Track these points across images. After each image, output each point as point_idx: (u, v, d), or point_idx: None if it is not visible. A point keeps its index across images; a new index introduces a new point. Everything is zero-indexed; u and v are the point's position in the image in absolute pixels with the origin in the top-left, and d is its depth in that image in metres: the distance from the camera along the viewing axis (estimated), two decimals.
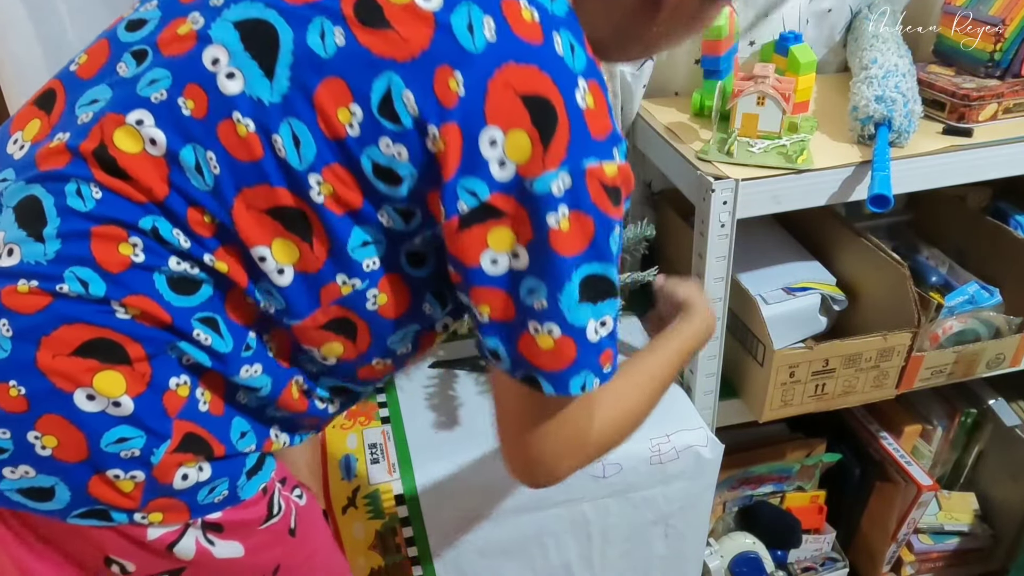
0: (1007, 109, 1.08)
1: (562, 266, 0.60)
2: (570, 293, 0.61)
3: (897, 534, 1.39)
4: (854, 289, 1.20)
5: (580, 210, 0.60)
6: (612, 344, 0.65)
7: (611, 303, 0.64)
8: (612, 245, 0.63)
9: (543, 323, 0.61)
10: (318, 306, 0.65)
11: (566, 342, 0.62)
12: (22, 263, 0.60)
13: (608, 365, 0.65)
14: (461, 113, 0.58)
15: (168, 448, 0.62)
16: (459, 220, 0.60)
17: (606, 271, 0.63)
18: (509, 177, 0.59)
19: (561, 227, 0.59)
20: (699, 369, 1.10)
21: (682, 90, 1.25)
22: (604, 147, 0.61)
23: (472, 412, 1.11)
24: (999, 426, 1.41)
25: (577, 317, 0.61)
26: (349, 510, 0.98)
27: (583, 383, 0.63)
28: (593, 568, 1.12)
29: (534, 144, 0.59)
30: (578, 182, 0.60)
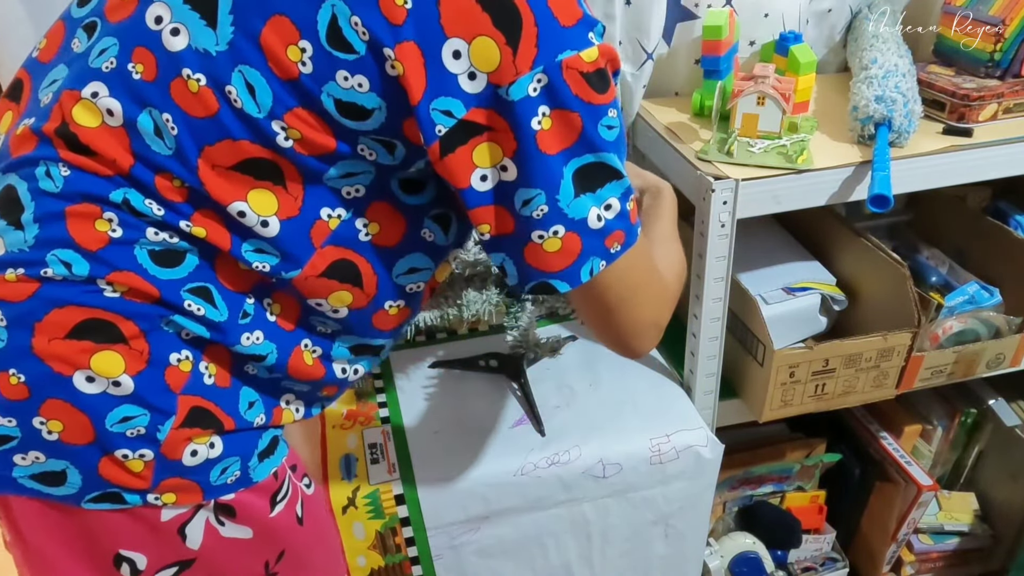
0: (1007, 109, 1.08)
1: (552, 166, 0.59)
2: (566, 191, 0.60)
3: (897, 534, 1.39)
4: (854, 289, 1.20)
5: (562, 107, 0.58)
6: (621, 224, 0.64)
7: (614, 186, 0.63)
8: (603, 132, 0.61)
9: (548, 227, 0.61)
10: (313, 249, 0.64)
11: (571, 238, 0.62)
12: (7, 253, 0.60)
13: (616, 245, 0.65)
14: (415, 28, 0.55)
15: (174, 424, 0.62)
16: (440, 144, 0.58)
17: (600, 158, 0.61)
18: (482, 88, 0.57)
19: (544, 127, 0.58)
20: (699, 369, 1.10)
21: (682, 90, 1.25)
22: (577, 34, 0.58)
23: (472, 412, 1.11)
24: (999, 426, 1.41)
25: (577, 210, 0.61)
26: (349, 510, 0.98)
27: (590, 269, 0.64)
28: (593, 568, 1.12)
29: (501, 48, 0.56)
30: (555, 78, 0.57)
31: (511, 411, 1.11)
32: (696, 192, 0.99)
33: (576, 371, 1.19)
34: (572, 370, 1.19)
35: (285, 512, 0.71)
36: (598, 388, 1.15)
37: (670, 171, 1.10)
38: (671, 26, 1.17)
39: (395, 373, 1.19)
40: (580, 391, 1.15)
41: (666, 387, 1.15)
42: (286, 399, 0.72)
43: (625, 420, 1.08)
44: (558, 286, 0.64)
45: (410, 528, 1.00)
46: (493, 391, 1.15)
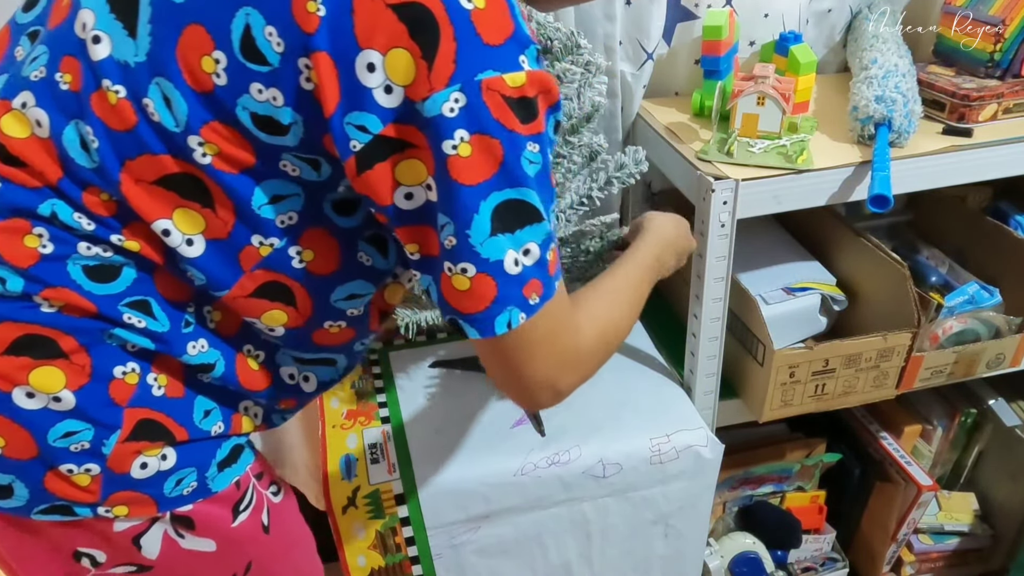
0: (1007, 109, 1.08)
1: (467, 198, 0.54)
2: (480, 227, 0.55)
3: (897, 534, 1.39)
4: (854, 289, 1.20)
5: (482, 132, 0.53)
6: (539, 273, 0.59)
7: (534, 229, 0.58)
8: (527, 167, 0.56)
9: (456, 262, 0.56)
10: (241, 273, 0.62)
11: (483, 280, 0.56)
12: None
13: (535, 296, 0.59)
14: (328, 38, 0.52)
15: (119, 437, 0.61)
16: (356, 160, 0.55)
17: (523, 195, 0.56)
18: (399, 103, 0.53)
19: (460, 153, 0.53)
20: (699, 369, 1.10)
21: (682, 90, 1.25)
22: (502, 54, 0.54)
23: (472, 412, 1.11)
24: (999, 426, 1.41)
25: (492, 251, 0.56)
26: (349, 510, 0.98)
27: (508, 320, 0.58)
28: (593, 567, 1.12)
29: (416, 62, 0.52)
30: (474, 99, 0.53)
31: (511, 411, 1.11)
32: (696, 192, 0.99)
33: None
34: None
35: (249, 521, 0.69)
36: (598, 388, 1.15)
37: (670, 171, 1.10)
38: (671, 26, 1.17)
39: (395, 373, 1.19)
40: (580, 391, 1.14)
41: (666, 387, 1.15)
42: (244, 406, 0.70)
43: (625, 420, 1.08)
44: (468, 332, 0.59)
45: (410, 528, 1.00)
46: (493, 391, 1.15)
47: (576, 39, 0.96)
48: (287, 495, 0.76)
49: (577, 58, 0.96)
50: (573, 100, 0.97)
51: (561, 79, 0.93)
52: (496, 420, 1.09)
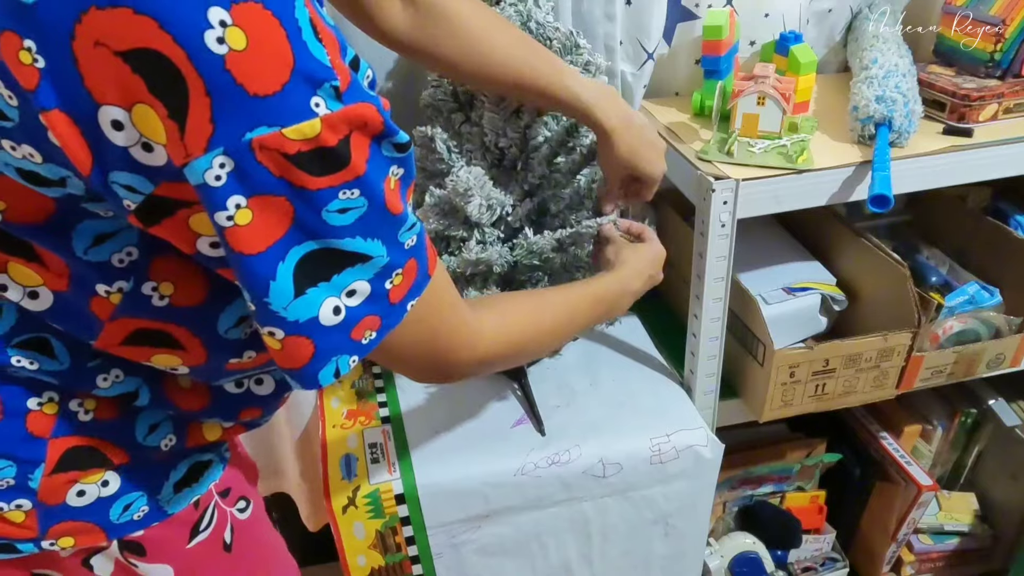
0: (1007, 109, 1.08)
1: (258, 267, 0.47)
2: (280, 291, 0.48)
3: (897, 534, 1.39)
4: (854, 289, 1.20)
5: (262, 193, 0.45)
6: (375, 308, 0.53)
7: (359, 270, 0.51)
8: (333, 219, 0.48)
9: (263, 325, 0.50)
10: (100, 323, 0.55)
11: (295, 342, 0.50)
12: None
13: (368, 334, 0.53)
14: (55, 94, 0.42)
15: (44, 471, 0.57)
16: (137, 217, 0.47)
17: (332, 244, 0.49)
18: (164, 160, 0.44)
19: (239, 222, 0.45)
20: (699, 369, 1.10)
21: (682, 90, 1.25)
22: (279, 104, 0.43)
23: (472, 412, 1.11)
24: (999, 426, 1.41)
25: (301, 311, 0.49)
26: (349, 510, 0.98)
27: (335, 370, 0.53)
28: (593, 567, 1.12)
29: (164, 122, 0.42)
30: (245, 163, 0.43)
31: (511, 411, 1.11)
32: (696, 192, 0.99)
33: (576, 371, 1.19)
34: (572, 370, 1.19)
35: (209, 541, 0.66)
36: (598, 388, 1.15)
37: (670, 171, 1.10)
38: (671, 26, 1.17)
39: (395, 373, 1.19)
40: (580, 391, 1.15)
41: (666, 387, 1.15)
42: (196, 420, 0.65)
43: (625, 420, 1.08)
44: (293, 384, 0.53)
45: (410, 527, 1.00)
46: (493, 391, 1.15)
47: (575, 39, 0.96)
48: (257, 511, 0.73)
49: (576, 58, 0.96)
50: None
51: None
52: (496, 420, 1.09)
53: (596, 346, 1.24)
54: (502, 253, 1.00)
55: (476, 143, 0.99)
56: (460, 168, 0.96)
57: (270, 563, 0.77)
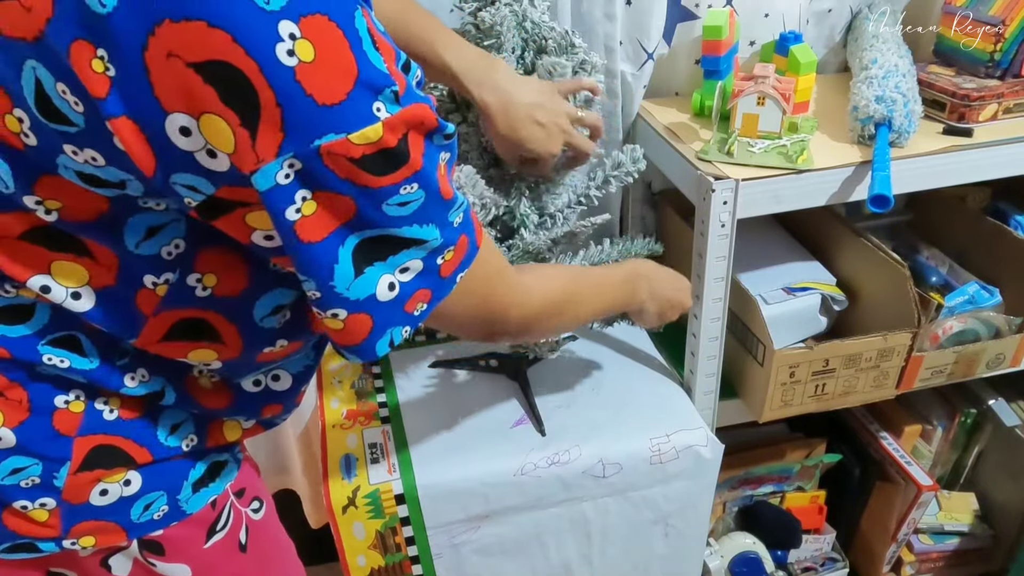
0: (1007, 109, 1.08)
1: (320, 255, 0.50)
2: (343, 274, 0.51)
3: (897, 534, 1.39)
4: (854, 289, 1.20)
5: (326, 190, 0.48)
6: (425, 282, 0.56)
7: (410, 252, 0.54)
8: (392, 211, 0.51)
9: (325, 310, 0.53)
10: (144, 318, 0.56)
11: (357, 319, 0.54)
12: None
13: (420, 306, 0.57)
14: (123, 102, 0.44)
15: (71, 469, 0.58)
16: (198, 213, 0.50)
17: (386, 231, 0.52)
18: (227, 167, 0.46)
19: (305, 213, 0.48)
20: (699, 369, 1.10)
21: (682, 90, 1.25)
22: (346, 112, 0.46)
23: (472, 412, 1.11)
24: (999, 426, 1.41)
25: (362, 289, 0.52)
26: (349, 510, 0.98)
27: (389, 340, 0.56)
28: (593, 567, 1.12)
29: (235, 131, 0.44)
30: (313, 166, 0.46)
31: (511, 411, 1.11)
32: (696, 192, 0.99)
33: (576, 371, 1.19)
34: (572, 370, 1.19)
35: (225, 540, 0.66)
36: (598, 388, 1.15)
37: (670, 171, 1.10)
38: (671, 26, 1.17)
39: (395, 373, 1.19)
40: (580, 391, 1.15)
41: (666, 387, 1.15)
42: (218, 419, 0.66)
43: (625, 420, 1.08)
44: (350, 359, 0.57)
45: (410, 527, 1.00)
46: (493, 391, 1.15)
47: (571, 38, 0.96)
48: (270, 512, 0.73)
49: (572, 57, 0.96)
50: (568, 99, 0.97)
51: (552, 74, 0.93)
52: (496, 420, 1.09)
53: (596, 346, 1.24)
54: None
55: (473, 144, 0.99)
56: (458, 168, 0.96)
57: (282, 564, 0.77)
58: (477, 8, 0.95)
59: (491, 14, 0.91)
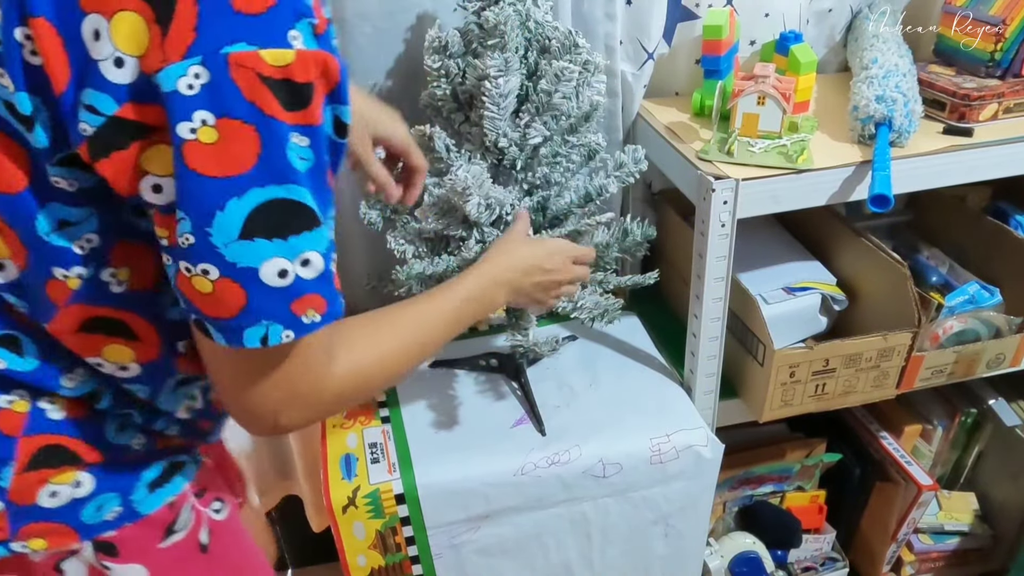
0: (1007, 109, 1.08)
1: (211, 191, 0.46)
2: (224, 227, 0.47)
3: (897, 534, 1.39)
4: (854, 289, 1.20)
5: (229, 116, 0.45)
6: (321, 287, 0.51)
7: (314, 236, 0.50)
8: (296, 160, 0.48)
9: (195, 263, 0.48)
10: (55, 307, 0.55)
11: (228, 287, 0.48)
12: None
13: (312, 313, 0.51)
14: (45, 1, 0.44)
15: (15, 469, 0.57)
16: (88, 147, 0.47)
17: (293, 194, 0.48)
18: (134, 78, 0.45)
19: (201, 139, 0.45)
20: (699, 369, 1.10)
21: (682, 90, 1.25)
22: (261, 25, 0.45)
23: (472, 412, 1.11)
24: (999, 426, 1.41)
25: (242, 256, 0.48)
26: (349, 509, 0.98)
27: (263, 335, 0.50)
28: (593, 568, 1.12)
29: (149, 27, 0.44)
30: (219, 77, 0.44)
31: (511, 411, 1.11)
32: (696, 192, 0.99)
33: (576, 371, 1.19)
34: (572, 370, 1.19)
35: (184, 541, 0.65)
36: (598, 388, 1.15)
37: (670, 171, 1.10)
38: (671, 26, 1.17)
39: None
40: (580, 391, 1.15)
41: (666, 387, 1.15)
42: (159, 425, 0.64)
43: (625, 420, 1.08)
44: (212, 334, 0.51)
45: (410, 527, 1.00)
46: (493, 391, 1.15)
47: (574, 38, 0.96)
48: (233, 512, 0.72)
49: (575, 57, 0.96)
50: (572, 99, 0.97)
51: (559, 78, 0.93)
52: (496, 420, 1.09)
53: (596, 346, 1.24)
54: None
55: (476, 143, 0.99)
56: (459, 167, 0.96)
57: (249, 567, 0.75)
58: (481, 8, 0.95)
59: (495, 14, 0.91)
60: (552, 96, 0.93)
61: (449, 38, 0.96)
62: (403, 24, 1.06)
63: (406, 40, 1.07)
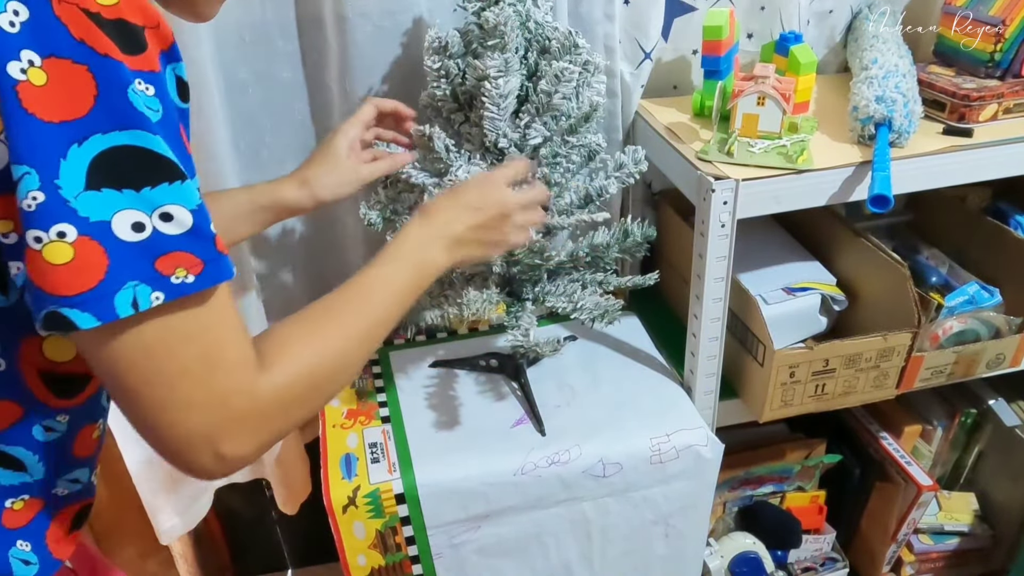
0: (1007, 109, 1.08)
1: (48, 137, 0.42)
2: (71, 175, 0.42)
3: (897, 534, 1.39)
4: (854, 289, 1.21)
5: (58, 55, 0.42)
6: (192, 245, 0.46)
7: (175, 190, 0.45)
8: (140, 104, 0.44)
9: (47, 225, 0.43)
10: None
11: (87, 246, 0.43)
12: None
13: (182, 272, 0.46)
14: None
15: None
16: None
17: (142, 141, 0.44)
18: None
19: (32, 80, 0.41)
20: (699, 369, 1.10)
21: (680, 84, 1.25)
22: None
23: (472, 412, 1.11)
24: (999, 426, 1.41)
25: (93, 209, 0.43)
26: (349, 509, 0.98)
27: (132, 299, 0.45)
28: (593, 568, 1.12)
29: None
30: (40, 13, 0.41)
31: (511, 411, 1.11)
32: (696, 192, 0.99)
33: (576, 371, 1.19)
34: (572, 370, 1.19)
35: None
36: (598, 388, 1.15)
37: (670, 171, 1.10)
38: (668, 22, 1.17)
39: (395, 373, 1.19)
40: (580, 391, 1.15)
41: (666, 387, 1.15)
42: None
43: (625, 420, 1.08)
44: (77, 319, 0.44)
45: (410, 527, 1.00)
46: (493, 391, 1.15)
47: (574, 38, 0.96)
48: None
49: (575, 58, 0.96)
50: (571, 100, 0.97)
51: (559, 78, 0.93)
52: (496, 420, 1.09)
53: (596, 346, 1.24)
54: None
55: (476, 143, 0.99)
56: (459, 167, 0.96)
57: None
58: (481, 8, 0.95)
59: (495, 14, 0.91)
60: (552, 97, 0.94)
61: (449, 38, 0.97)
62: (404, 24, 1.06)
63: (407, 40, 1.08)
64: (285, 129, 1.11)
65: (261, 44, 1.06)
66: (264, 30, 1.05)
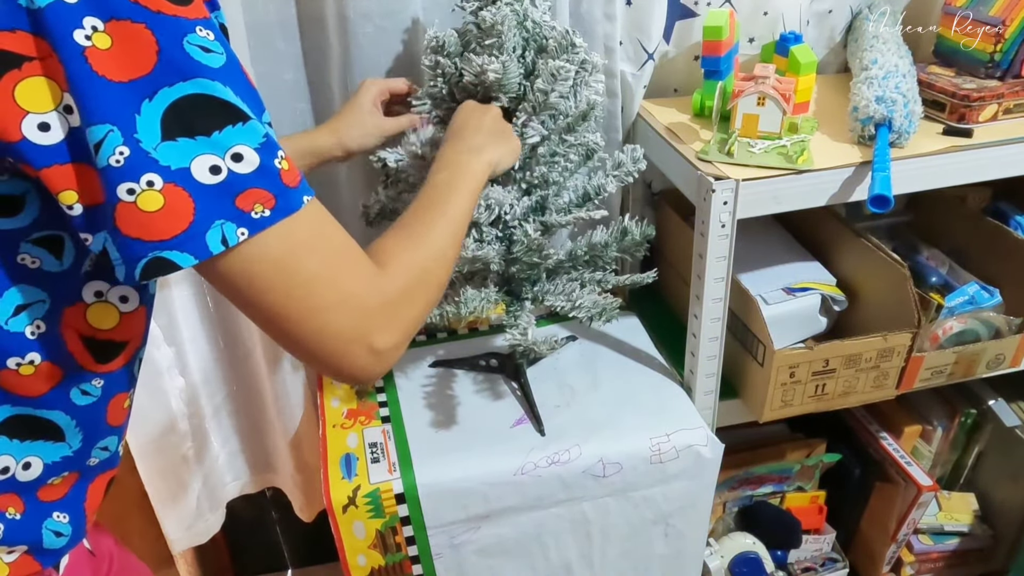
0: (1007, 110, 1.08)
1: (121, 95, 0.45)
2: (147, 129, 0.46)
3: (897, 534, 1.39)
4: (854, 289, 1.21)
5: (118, 17, 0.44)
6: (263, 182, 0.49)
7: (241, 131, 0.49)
8: (199, 55, 0.47)
9: (137, 176, 0.46)
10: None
11: (175, 192, 0.46)
12: None
13: (260, 208, 0.49)
14: None
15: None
16: None
17: (205, 88, 0.47)
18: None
19: (97, 44, 0.44)
20: (699, 369, 1.10)
21: (681, 86, 1.25)
22: None
23: (472, 412, 1.11)
24: (999, 426, 1.41)
25: (172, 157, 0.46)
26: (349, 509, 0.98)
27: (221, 236, 0.48)
28: (593, 567, 1.12)
29: None
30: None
31: (511, 411, 1.11)
32: (696, 192, 0.99)
33: (576, 371, 1.19)
34: (572, 370, 1.19)
35: None
36: (598, 388, 1.15)
37: (670, 171, 1.10)
38: (670, 24, 1.17)
39: (395, 372, 1.19)
40: (580, 391, 1.15)
41: (666, 387, 1.15)
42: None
43: (625, 420, 1.08)
44: (178, 259, 0.48)
45: (410, 527, 1.00)
46: (493, 391, 1.15)
47: (571, 38, 0.96)
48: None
49: (572, 57, 0.96)
50: (569, 98, 0.97)
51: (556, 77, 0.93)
52: (496, 420, 1.09)
53: (596, 346, 1.24)
54: (499, 251, 1.00)
55: None
56: None
57: None
58: (478, 7, 0.95)
59: (492, 13, 0.91)
60: (549, 95, 0.94)
61: (446, 38, 0.97)
62: (404, 23, 1.06)
63: (407, 39, 1.08)
64: (286, 129, 1.12)
65: (263, 45, 1.06)
66: (266, 31, 1.05)
